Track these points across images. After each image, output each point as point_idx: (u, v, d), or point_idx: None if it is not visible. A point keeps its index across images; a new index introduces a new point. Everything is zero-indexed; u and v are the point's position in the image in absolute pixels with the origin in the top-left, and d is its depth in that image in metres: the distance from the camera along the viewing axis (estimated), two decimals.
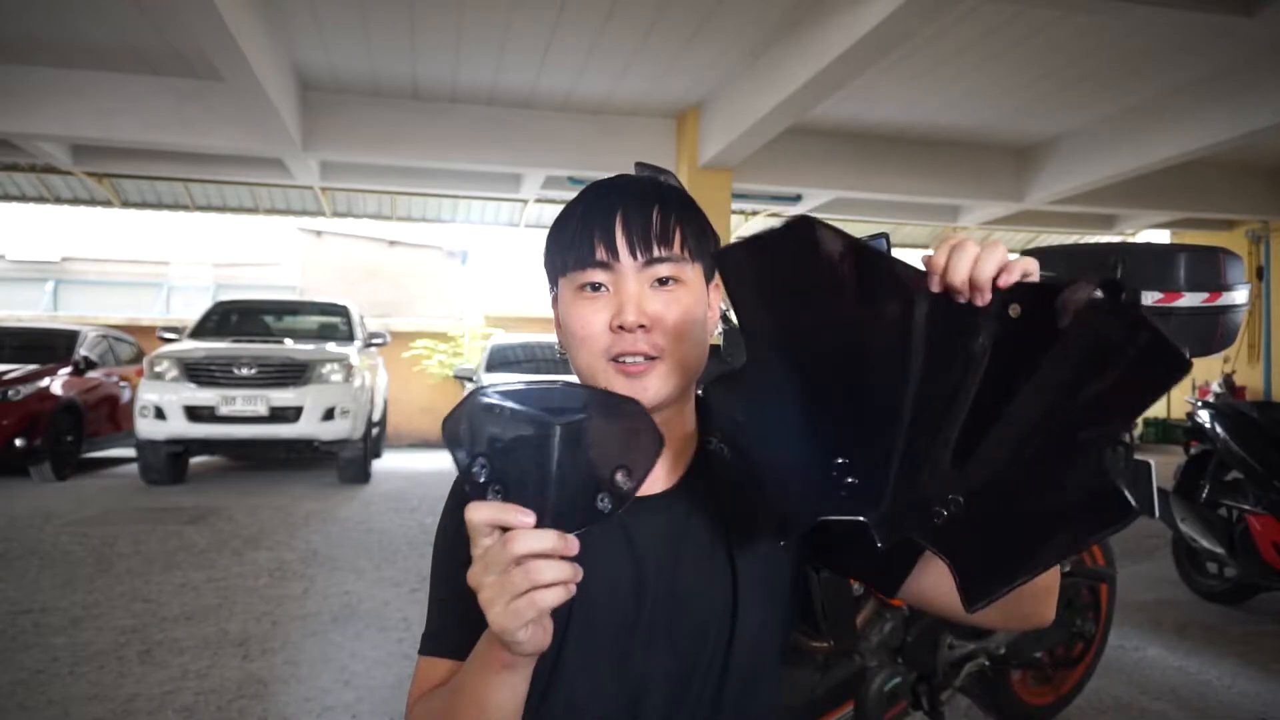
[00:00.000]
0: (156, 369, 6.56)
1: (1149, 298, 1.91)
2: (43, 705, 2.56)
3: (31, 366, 7.06)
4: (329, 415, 6.66)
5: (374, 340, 8.25)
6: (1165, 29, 4.91)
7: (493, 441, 0.63)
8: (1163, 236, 10.79)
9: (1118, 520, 0.60)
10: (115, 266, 18.57)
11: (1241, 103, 5.57)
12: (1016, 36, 5.11)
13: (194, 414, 6.42)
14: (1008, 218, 8.98)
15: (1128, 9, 4.06)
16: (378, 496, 6.46)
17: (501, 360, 8.06)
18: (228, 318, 7.90)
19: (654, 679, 0.83)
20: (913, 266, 0.66)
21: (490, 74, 5.96)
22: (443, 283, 16.80)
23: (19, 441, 6.56)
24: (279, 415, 6.57)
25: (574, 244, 0.81)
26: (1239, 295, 1.95)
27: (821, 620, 1.67)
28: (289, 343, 7.32)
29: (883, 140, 7.37)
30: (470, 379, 7.81)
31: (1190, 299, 1.89)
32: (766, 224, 9.97)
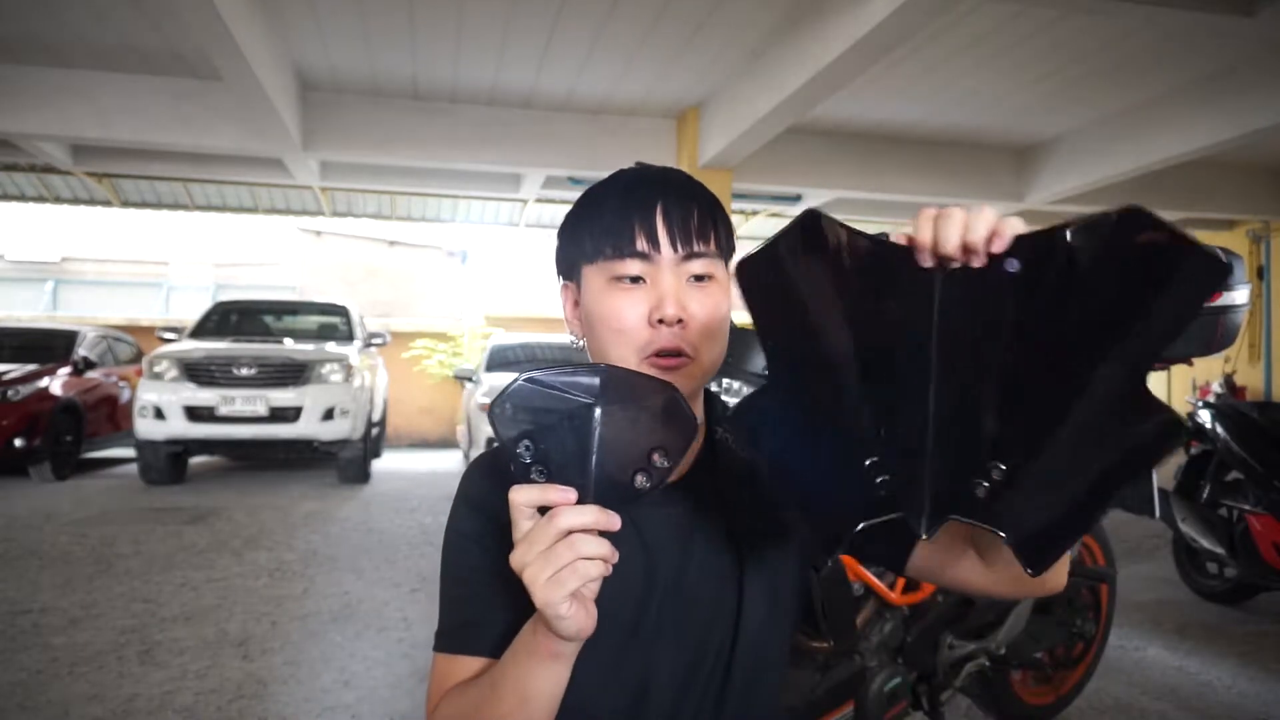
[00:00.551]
0: (156, 369, 6.56)
1: None
2: (43, 705, 2.56)
3: (31, 366, 7.06)
4: (329, 415, 6.67)
5: (374, 340, 8.25)
6: (1165, 29, 4.90)
7: (536, 424, 0.65)
8: None
9: (1172, 436, 0.58)
10: (115, 266, 18.56)
11: (1241, 103, 5.57)
12: (1016, 36, 5.11)
13: (194, 414, 6.43)
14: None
15: (1128, 9, 4.05)
16: (377, 496, 6.46)
17: (501, 360, 8.03)
18: (227, 318, 7.90)
19: (660, 675, 0.83)
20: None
21: (490, 74, 5.96)
22: (443, 283, 16.82)
23: (18, 441, 6.56)
24: (279, 415, 6.58)
25: (610, 232, 0.80)
26: (1239, 295, 1.95)
27: (821, 620, 1.68)
28: (289, 343, 7.32)
29: (883, 140, 7.36)
30: (470, 379, 7.80)
31: None
32: (767, 224, 9.99)
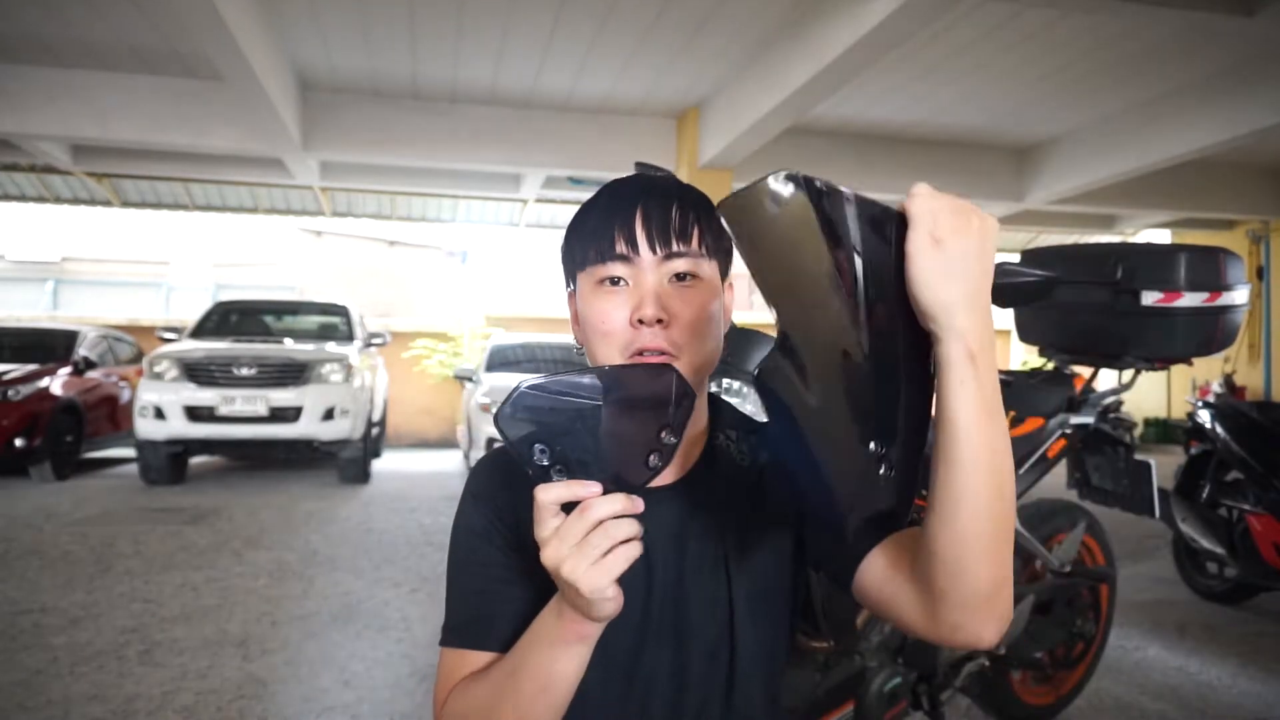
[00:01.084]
0: (156, 369, 6.56)
1: (1149, 297, 1.91)
2: (43, 705, 2.56)
3: (31, 366, 7.05)
4: (329, 415, 6.66)
5: (374, 340, 8.25)
6: (1165, 29, 4.91)
7: (546, 427, 0.67)
8: (1163, 236, 10.78)
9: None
10: (115, 266, 18.56)
11: (1241, 103, 5.57)
12: (1016, 36, 5.11)
13: (194, 414, 6.42)
14: (1008, 218, 8.97)
15: (1128, 9, 4.06)
16: (378, 496, 6.46)
17: (501, 360, 8.03)
18: (227, 318, 7.89)
19: (660, 676, 0.83)
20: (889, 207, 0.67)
21: (490, 74, 5.96)
22: (443, 283, 16.83)
23: (19, 441, 6.55)
24: (279, 415, 6.57)
25: (594, 237, 0.83)
26: (1239, 295, 1.95)
27: (821, 620, 1.68)
28: (289, 343, 7.31)
29: (883, 140, 7.36)
30: (470, 379, 7.79)
31: (1190, 299, 1.89)
32: None
